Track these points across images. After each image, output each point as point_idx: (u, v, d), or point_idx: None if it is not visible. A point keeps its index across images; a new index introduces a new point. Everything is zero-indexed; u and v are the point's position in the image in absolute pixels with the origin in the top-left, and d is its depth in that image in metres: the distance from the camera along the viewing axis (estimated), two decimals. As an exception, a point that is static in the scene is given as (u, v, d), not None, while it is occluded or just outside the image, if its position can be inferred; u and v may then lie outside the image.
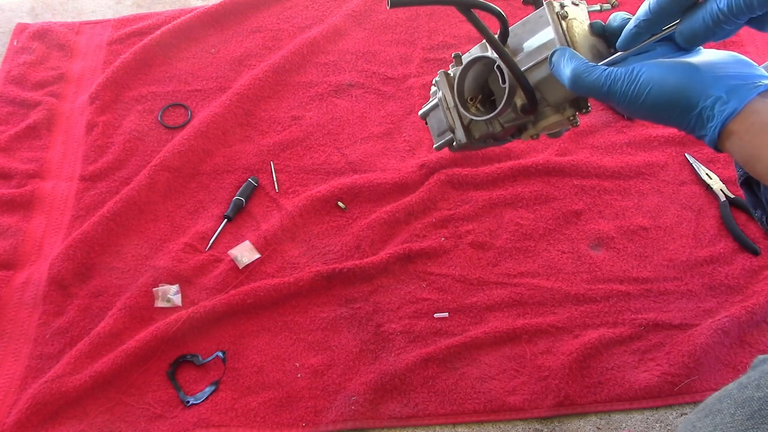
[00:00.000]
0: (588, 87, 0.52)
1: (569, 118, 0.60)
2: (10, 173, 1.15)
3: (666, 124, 0.51)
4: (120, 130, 1.19)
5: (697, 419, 0.53)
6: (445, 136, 0.69)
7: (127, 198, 1.08)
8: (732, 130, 0.46)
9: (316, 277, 0.99)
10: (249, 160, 1.15)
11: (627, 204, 1.08)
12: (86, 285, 1.02)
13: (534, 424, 0.89)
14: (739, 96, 0.46)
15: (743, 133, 0.46)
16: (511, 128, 0.64)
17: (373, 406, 0.89)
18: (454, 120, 0.66)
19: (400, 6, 0.52)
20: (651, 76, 0.49)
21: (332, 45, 1.31)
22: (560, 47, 0.55)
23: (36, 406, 0.88)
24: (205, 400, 0.91)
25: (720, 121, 0.46)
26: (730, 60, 0.49)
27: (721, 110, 0.46)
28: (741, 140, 0.46)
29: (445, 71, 0.67)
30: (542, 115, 0.61)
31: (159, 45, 1.29)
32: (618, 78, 0.50)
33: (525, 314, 0.97)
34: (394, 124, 1.19)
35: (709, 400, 0.54)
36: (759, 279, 0.98)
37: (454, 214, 1.07)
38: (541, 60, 0.57)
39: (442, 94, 0.67)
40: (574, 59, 0.53)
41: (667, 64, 0.49)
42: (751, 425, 0.48)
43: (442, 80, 0.66)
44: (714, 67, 0.48)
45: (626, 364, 0.91)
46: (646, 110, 0.50)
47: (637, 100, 0.50)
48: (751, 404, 0.49)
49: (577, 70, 0.52)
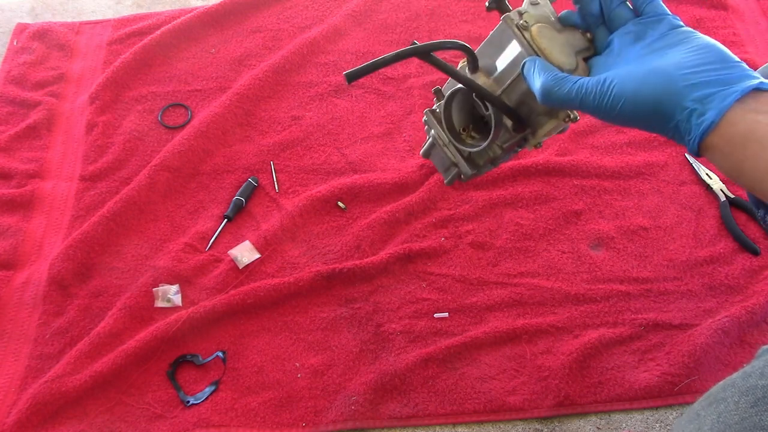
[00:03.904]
0: (559, 101, 0.50)
1: (564, 119, 0.59)
2: (10, 173, 1.15)
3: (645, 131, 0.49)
4: (120, 130, 1.19)
5: (701, 408, 0.53)
6: (451, 171, 0.68)
7: (127, 198, 1.08)
8: (711, 143, 0.44)
9: (316, 277, 0.99)
10: (249, 160, 1.15)
11: (627, 204, 1.08)
12: (86, 285, 1.02)
13: (534, 424, 0.89)
14: (715, 107, 0.43)
15: (723, 146, 0.44)
16: (512, 145, 0.62)
17: (373, 406, 0.89)
18: (454, 155, 0.65)
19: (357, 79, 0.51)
20: (623, 88, 0.47)
21: (332, 45, 1.31)
22: (529, 58, 0.53)
23: (36, 406, 0.88)
24: (205, 400, 0.91)
25: (697, 135, 0.44)
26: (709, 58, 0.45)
27: (698, 123, 0.44)
28: (721, 153, 0.44)
29: (431, 109, 0.65)
30: (538, 124, 0.59)
31: (159, 45, 1.29)
32: (589, 91, 0.48)
33: (525, 314, 0.97)
34: (394, 124, 1.19)
35: (713, 390, 0.53)
36: (759, 279, 0.99)
37: (454, 214, 1.07)
38: (516, 76, 0.55)
39: (434, 133, 0.65)
40: (543, 72, 0.51)
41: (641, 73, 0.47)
42: (755, 412, 0.47)
43: (430, 119, 0.65)
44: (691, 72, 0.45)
45: (626, 364, 0.91)
46: (621, 121, 0.48)
47: (611, 113, 0.48)
48: (755, 392, 0.48)
49: (545, 85, 0.50)
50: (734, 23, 1.30)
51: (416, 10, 1.35)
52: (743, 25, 1.31)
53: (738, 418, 0.48)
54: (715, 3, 1.33)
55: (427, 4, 1.36)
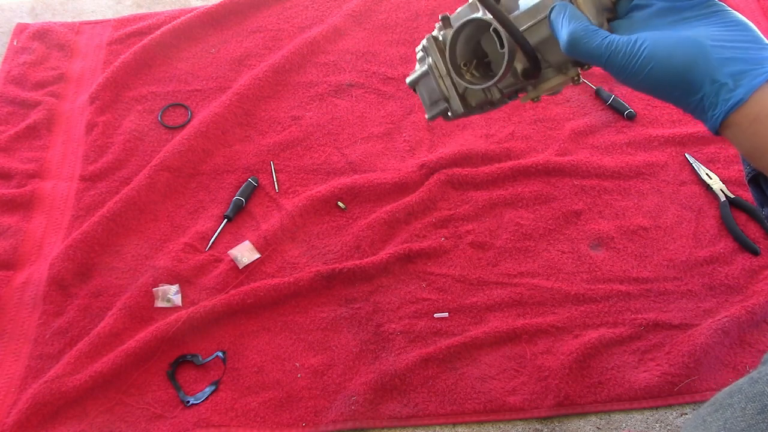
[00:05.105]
0: (586, 54, 0.48)
1: (573, 78, 0.56)
2: (10, 173, 1.15)
3: (663, 100, 0.48)
4: (120, 130, 1.19)
5: (708, 414, 0.52)
6: (438, 106, 0.63)
7: (127, 198, 1.08)
8: (735, 120, 0.44)
9: (316, 277, 0.99)
10: (249, 160, 1.15)
11: (627, 204, 1.08)
12: (86, 285, 1.02)
13: (534, 424, 0.89)
14: (746, 84, 0.43)
15: (747, 125, 0.43)
16: (511, 92, 0.60)
17: (373, 406, 0.89)
18: (448, 89, 0.60)
19: None
20: (654, 51, 0.45)
21: (332, 45, 1.31)
22: (559, 3, 0.50)
23: (36, 406, 0.88)
24: (205, 400, 0.91)
25: (723, 111, 0.44)
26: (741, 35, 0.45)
27: (726, 99, 0.43)
28: (744, 131, 0.44)
29: (433, 35, 0.60)
30: (543, 76, 0.56)
31: (159, 45, 1.29)
32: (619, 49, 0.47)
33: (525, 314, 0.97)
34: (394, 124, 1.19)
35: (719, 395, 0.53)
36: (759, 279, 0.99)
37: (454, 214, 1.07)
38: (540, 19, 0.52)
39: (432, 61, 0.61)
40: (573, 20, 0.48)
41: (673, 39, 0.45)
42: (762, 419, 0.47)
43: (431, 46, 0.60)
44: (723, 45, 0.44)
45: (626, 364, 0.91)
46: (645, 86, 0.47)
47: (637, 75, 0.46)
48: (762, 399, 0.48)
49: (574, 34, 0.48)
50: (734, 23, 1.30)
51: (416, 10, 1.35)
52: (743, 25, 1.31)
53: (745, 425, 0.48)
54: (715, 3, 1.33)
55: (427, 4, 1.36)
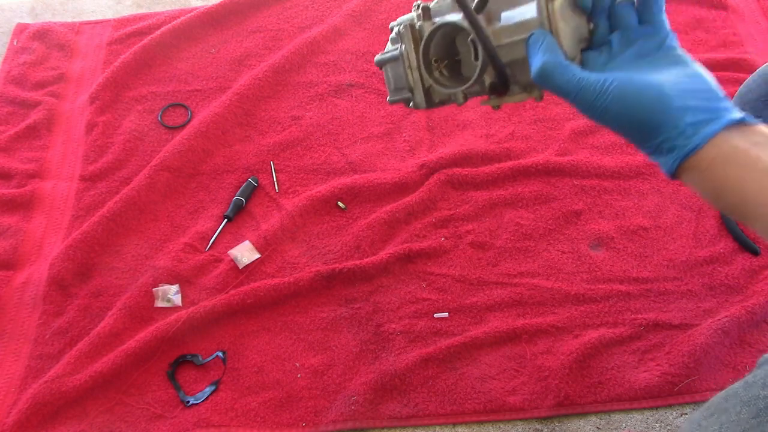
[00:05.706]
0: (555, 87, 0.49)
1: (536, 97, 0.56)
2: (10, 173, 1.15)
3: (624, 138, 0.49)
4: (120, 130, 1.19)
5: (703, 418, 0.53)
6: (402, 93, 0.63)
7: (127, 198, 1.08)
8: (692, 164, 0.46)
9: (316, 277, 0.99)
10: (249, 160, 1.15)
11: (627, 204, 1.08)
12: (86, 285, 1.02)
13: (534, 424, 0.89)
14: (703, 132, 0.45)
15: (703, 168, 0.45)
16: (474, 97, 0.59)
17: (373, 406, 0.89)
18: (415, 82, 0.61)
19: None
20: (622, 94, 0.47)
21: (332, 45, 1.31)
22: (539, 31, 0.51)
23: (36, 406, 0.88)
24: (205, 400, 0.91)
25: (681, 155, 0.46)
26: (702, 85, 0.47)
27: (684, 144, 0.45)
28: (701, 174, 0.46)
29: (411, 24, 0.60)
30: (510, 91, 0.57)
31: (159, 45, 1.29)
32: (588, 88, 0.48)
33: (525, 314, 0.97)
34: (394, 124, 1.19)
35: (714, 399, 0.54)
36: (759, 279, 0.99)
37: (454, 214, 1.07)
38: (518, 40, 0.52)
39: (405, 50, 0.60)
40: (548, 52, 0.50)
41: (640, 84, 0.47)
42: (757, 423, 0.47)
43: (407, 34, 0.60)
44: (685, 93, 0.46)
45: (626, 364, 0.91)
46: (608, 124, 0.49)
47: (603, 115, 0.48)
48: (757, 403, 0.49)
49: (547, 67, 0.49)
50: (734, 23, 1.30)
51: (416, 10, 1.35)
52: (743, 25, 1.31)
53: (740, 429, 0.48)
54: (715, 3, 1.33)
55: (427, 4, 1.36)
